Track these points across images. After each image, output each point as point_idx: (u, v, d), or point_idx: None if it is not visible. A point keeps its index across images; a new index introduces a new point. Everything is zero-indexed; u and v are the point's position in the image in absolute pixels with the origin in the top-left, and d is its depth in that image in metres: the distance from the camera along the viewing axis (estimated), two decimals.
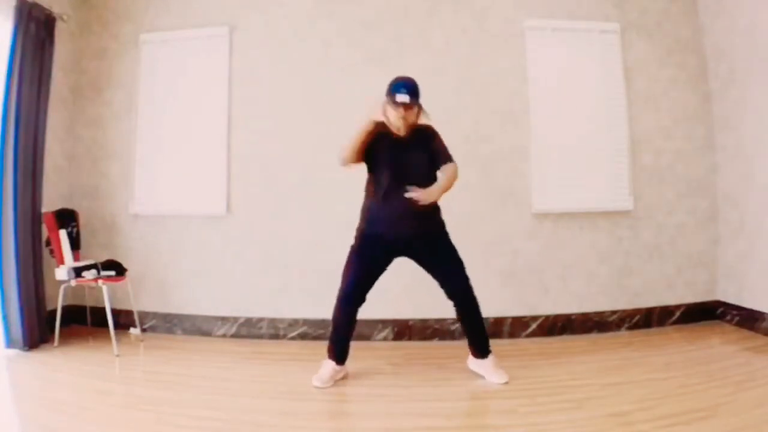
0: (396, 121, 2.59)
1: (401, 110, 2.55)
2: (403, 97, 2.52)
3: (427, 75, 3.61)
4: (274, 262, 3.65)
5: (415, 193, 2.50)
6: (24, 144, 3.28)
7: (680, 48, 3.79)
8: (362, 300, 2.71)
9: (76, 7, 3.92)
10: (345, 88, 3.65)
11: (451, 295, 2.72)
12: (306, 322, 3.56)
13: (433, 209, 2.70)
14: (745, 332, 3.40)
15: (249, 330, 3.64)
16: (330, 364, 2.74)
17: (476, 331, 2.75)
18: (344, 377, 2.76)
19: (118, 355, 3.15)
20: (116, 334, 3.22)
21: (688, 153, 3.76)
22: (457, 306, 2.73)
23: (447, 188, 2.60)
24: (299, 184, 3.64)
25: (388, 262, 2.72)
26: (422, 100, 2.60)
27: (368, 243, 2.69)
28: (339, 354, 2.75)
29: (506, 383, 2.63)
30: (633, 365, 2.87)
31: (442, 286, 2.73)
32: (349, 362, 2.81)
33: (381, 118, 2.60)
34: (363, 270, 2.68)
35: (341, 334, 2.75)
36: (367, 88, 2.70)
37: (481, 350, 2.76)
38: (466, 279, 2.72)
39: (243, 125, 3.73)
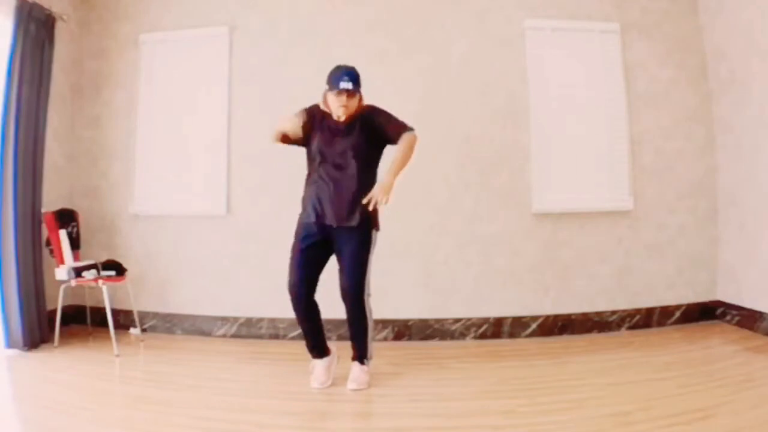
0: (337, 110, 2.56)
1: (343, 97, 2.53)
2: (346, 84, 2.52)
3: (427, 75, 3.65)
4: (274, 262, 3.62)
5: (373, 199, 2.47)
6: (24, 144, 3.28)
7: (680, 48, 3.79)
8: (309, 289, 2.64)
9: (76, 7, 3.92)
10: None
11: (341, 293, 2.63)
12: None
13: (356, 199, 2.56)
14: (745, 332, 3.40)
15: (249, 330, 3.64)
16: (318, 363, 2.71)
17: (356, 337, 2.69)
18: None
19: (118, 355, 3.14)
20: (116, 334, 3.22)
21: (688, 153, 3.76)
22: (345, 306, 2.65)
23: (404, 163, 2.55)
24: (299, 184, 3.63)
25: (327, 250, 2.66)
26: (421, 99, 2.59)
27: (304, 231, 2.65)
28: (317, 349, 2.71)
29: (355, 390, 2.57)
30: (633, 365, 2.87)
31: (339, 281, 2.64)
32: (349, 362, 2.79)
33: (287, 129, 2.54)
34: (302, 258, 2.63)
35: (305, 328, 2.69)
36: (367, 88, 2.70)
37: (354, 354, 2.72)
38: (358, 283, 2.60)
39: (243, 125, 3.73)
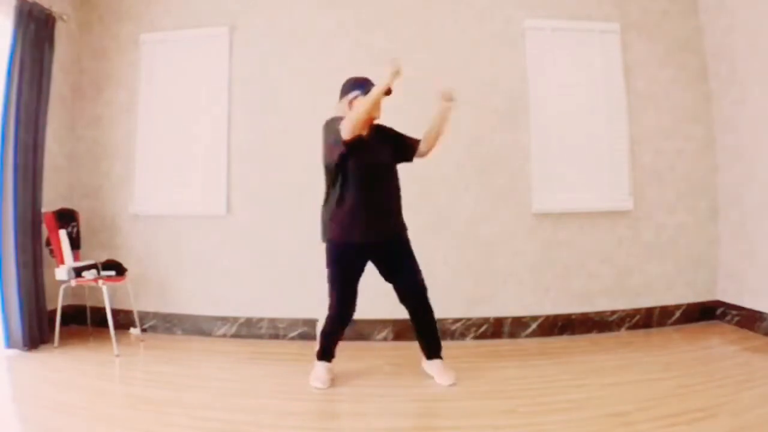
0: (376, 110, 2.60)
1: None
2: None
3: (427, 75, 3.64)
4: (274, 262, 3.65)
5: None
6: (24, 144, 3.29)
7: (680, 48, 3.79)
8: (354, 311, 2.70)
9: (76, 7, 3.93)
10: None
11: (409, 296, 2.67)
12: (306, 322, 3.56)
13: (399, 210, 2.72)
14: (745, 332, 3.40)
15: (249, 330, 3.64)
16: (323, 365, 2.75)
17: (431, 334, 2.74)
18: (333, 377, 2.77)
19: (118, 355, 3.15)
20: (116, 334, 3.23)
21: (688, 153, 3.76)
22: (413, 308, 2.69)
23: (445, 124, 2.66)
24: (299, 184, 3.64)
25: (364, 266, 2.69)
26: (421, 99, 2.62)
27: (347, 253, 2.62)
28: (330, 356, 2.78)
29: (453, 384, 2.61)
30: (633, 365, 2.87)
31: (401, 287, 2.67)
32: (349, 362, 2.81)
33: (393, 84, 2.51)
34: (348, 282, 2.65)
35: (334, 341, 2.76)
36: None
37: (433, 352, 2.75)
38: (423, 282, 2.69)
39: (243, 125, 3.73)
